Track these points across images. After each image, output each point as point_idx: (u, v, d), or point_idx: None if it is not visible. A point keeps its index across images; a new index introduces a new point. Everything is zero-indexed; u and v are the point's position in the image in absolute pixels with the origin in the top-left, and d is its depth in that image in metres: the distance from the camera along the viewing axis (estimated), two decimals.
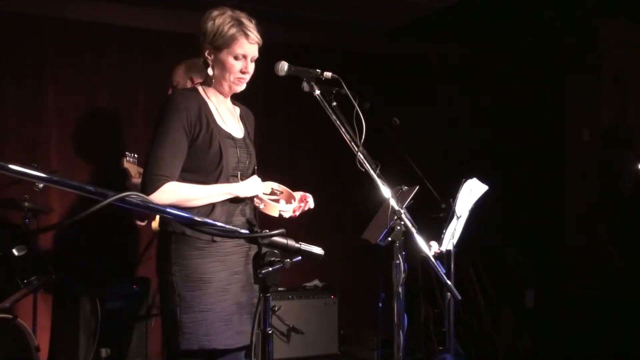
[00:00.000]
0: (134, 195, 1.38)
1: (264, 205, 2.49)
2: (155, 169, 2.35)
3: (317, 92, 2.52)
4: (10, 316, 3.51)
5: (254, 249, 2.49)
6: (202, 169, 2.43)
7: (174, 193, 2.34)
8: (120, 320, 4.03)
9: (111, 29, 4.62)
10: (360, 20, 5.21)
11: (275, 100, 5.05)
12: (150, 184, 2.33)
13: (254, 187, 2.48)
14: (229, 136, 2.50)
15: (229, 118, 2.57)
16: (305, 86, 2.54)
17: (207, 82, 2.56)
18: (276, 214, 2.49)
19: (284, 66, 2.54)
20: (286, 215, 2.52)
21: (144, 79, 4.73)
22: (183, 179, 2.40)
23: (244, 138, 2.59)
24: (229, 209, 2.45)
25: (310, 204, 2.59)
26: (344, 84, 2.52)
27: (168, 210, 1.50)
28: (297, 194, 2.60)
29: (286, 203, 2.57)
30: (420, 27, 5.28)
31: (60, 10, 4.47)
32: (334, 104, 2.53)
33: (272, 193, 2.62)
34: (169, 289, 2.40)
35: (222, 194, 2.42)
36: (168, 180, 2.35)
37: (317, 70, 2.53)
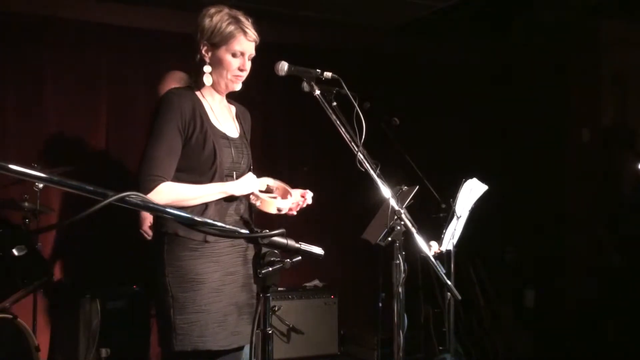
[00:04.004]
0: (133, 195, 1.37)
1: (260, 202, 2.46)
2: (149, 169, 2.33)
3: (317, 92, 2.52)
4: (10, 316, 3.51)
5: (251, 249, 2.50)
6: (196, 169, 2.41)
7: (169, 193, 2.33)
8: (120, 320, 4.03)
9: (111, 29, 4.62)
10: (360, 20, 5.21)
11: (275, 100, 5.05)
12: (145, 185, 2.31)
13: (249, 184, 2.46)
14: (224, 136, 2.48)
15: (224, 117, 2.55)
16: (305, 86, 2.53)
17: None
18: (273, 211, 2.46)
19: (284, 66, 2.54)
20: (283, 211, 2.50)
21: (144, 79, 4.73)
22: (178, 179, 2.38)
23: (239, 137, 2.56)
24: (222, 208, 2.44)
25: (308, 200, 2.57)
26: (344, 84, 2.52)
27: (168, 210, 1.50)
28: (296, 191, 2.58)
29: (282, 199, 2.54)
30: (420, 27, 5.28)
31: (60, 10, 4.47)
32: (334, 104, 2.53)
33: (268, 189, 2.60)
34: (163, 289, 2.39)
35: (217, 193, 2.40)
36: (163, 181, 2.34)
37: (317, 70, 2.53)
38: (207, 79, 2.47)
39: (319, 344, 4.76)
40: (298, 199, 2.55)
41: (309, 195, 2.57)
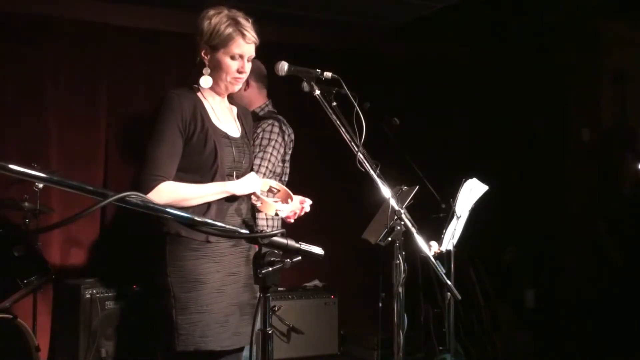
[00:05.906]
0: (133, 195, 1.37)
1: (261, 203, 2.45)
2: (150, 168, 2.34)
3: (317, 92, 2.52)
4: (10, 316, 3.51)
5: (253, 249, 2.50)
6: (197, 169, 2.41)
7: (170, 193, 2.33)
8: (120, 320, 4.03)
9: (111, 28, 4.62)
10: (360, 20, 5.21)
11: (275, 100, 5.05)
12: (145, 184, 2.32)
13: (251, 184, 2.46)
14: (225, 135, 2.48)
15: (225, 117, 2.55)
16: (305, 86, 2.54)
17: None
18: (272, 213, 2.47)
19: (284, 66, 2.54)
20: (282, 214, 2.50)
21: (144, 79, 4.73)
22: (179, 178, 2.39)
23: (240, 137, 2.56)
24: (224, 208, 2.44)
25: (307, 208, 2.57)
26: (344, 84, 2.52)
27: (168, 210, 1.50)
28: (296, 197, 2.57)
29: (283, 202, 2.54)
30: (420, 27, 5.28)
31: (60, 10, 4.47)
32: (334, 104, 2.53)
33: (270, 191, 2.60)
34: (164, 290, 2.39)
35: (219, 192, 2.40)
36: (164, 180, 2.34)
37: (317, 70, 2.53)
38: (205, 82, 2.47)
39: (319, 344, 4.76)
40: (297, 206, 2.55)
41: (308, 203, 2.57)
